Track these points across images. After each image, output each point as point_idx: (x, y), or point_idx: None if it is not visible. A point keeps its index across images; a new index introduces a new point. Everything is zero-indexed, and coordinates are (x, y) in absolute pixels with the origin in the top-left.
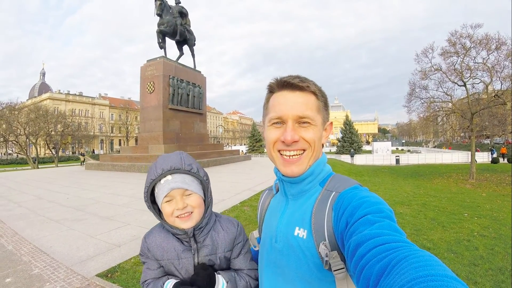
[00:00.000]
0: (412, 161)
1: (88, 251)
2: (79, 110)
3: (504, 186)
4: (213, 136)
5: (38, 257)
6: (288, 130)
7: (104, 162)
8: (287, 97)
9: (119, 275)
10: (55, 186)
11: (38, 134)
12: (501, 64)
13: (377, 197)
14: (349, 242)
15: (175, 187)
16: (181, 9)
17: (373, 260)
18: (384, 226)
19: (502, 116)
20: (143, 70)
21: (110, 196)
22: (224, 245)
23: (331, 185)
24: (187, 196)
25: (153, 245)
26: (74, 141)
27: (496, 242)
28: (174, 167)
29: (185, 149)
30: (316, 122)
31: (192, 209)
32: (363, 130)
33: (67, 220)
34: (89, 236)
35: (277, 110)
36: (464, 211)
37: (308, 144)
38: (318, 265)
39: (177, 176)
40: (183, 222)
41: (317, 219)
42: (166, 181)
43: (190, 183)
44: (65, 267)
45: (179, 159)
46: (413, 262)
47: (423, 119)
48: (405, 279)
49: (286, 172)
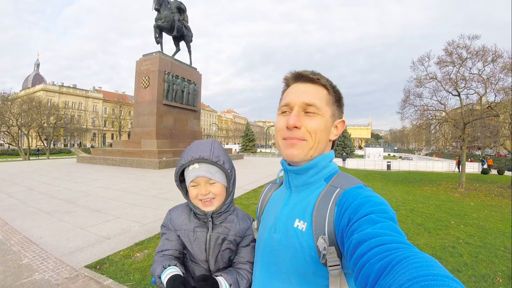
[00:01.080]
0: (403, 167)
1: (77, 242)
2: (73, 102)
3: (493, 197)
4: (207, 134)
5: (28, 248)
6: (292, 115)
7: (96, 156)
8: (299, 87)
9: (107, 267)
10: (47, 178)
11: (30, 126)
12: (496, 76)
13: (381, 198)
14: (350, 239)
15: (200, 175)
16: (179, 4)
17: (374, 259)
18: (386, 227)
19: (494, 128)
20: (138, 64)
21: (101, 189)
22: (236, 230)
23: (336, 182)
24: (211, 184)
25: (176, 217)
26: (66, 133)
27: (480, 250)
28: (203, 157)
29: (178, 145)
30: (323, 113)
31: (214, 195)
32: (356, 134)
33: (57, 212)
34: (79, 228)
35: (286, 98)
36: (451, 218)
37: (309, 135)
38: (314, 259)
39: (204, 166)
40: (205, 206)
41: (318, 213)
42: (193, 169)
43: (214, 173)
44: (54, 258)
45: (209, 150)
46: (414, 262)
47: (416, 126)
48: (405, 277)
49: (287, 154)
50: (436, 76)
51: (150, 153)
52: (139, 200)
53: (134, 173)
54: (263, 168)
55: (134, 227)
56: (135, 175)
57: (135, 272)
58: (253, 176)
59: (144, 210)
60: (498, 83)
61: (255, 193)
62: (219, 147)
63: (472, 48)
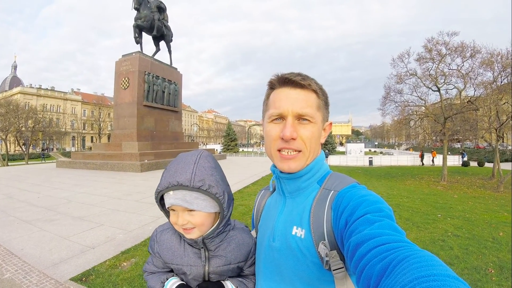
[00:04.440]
0: (385, 162)
1: (61, 253)
2: (51, 105)
3: (475, 189)
4: (188, 135)
5: (9, 261)
6: (288, 126)
7: (76, 160)
8: (288, 93)
9: (93, 279)
10: (26, 184)
11: (8, 130)
12: (475, 71)
13: (376, 196)
14: (349, 241)
15: (174, 204)
16: (159, 3)
17: (374, 260)
18: (384, 226)
19: (474, 121)
20: (118, 65)
21: (82, 195)
22: (239, 256)
23: (329, 184)
24: (190, 212)
25: (164, 247)
26: (45, 137)
27: (470, 242)
28: (181, 183)
29: (159, 147)
30: (315, 120)
31: (194, 225)
32: (337, 131)
33: (38, 221)
34: (62, 237)
35: (277, 106)
36: (438, 212)
37: (304, 145)
38: (317, 265)
39: (179, 193)
40: (186, 233)
41: (316, 218)
42: (167, 195)
43: (192, 202)
44: (37, 271)
45: (189, 172)
46: (415, 262)
47: (397, 122)
48: (406, 279)
49: (283, 167)
50: (416, 72)
51: (131, 156)
52: (123, 206)
53: (115, 176)
54: (246, 168)
55: (119, 234)
56: (116, 179)
57: (123, 283)
58: (238, 176)
59: (128, 216)
60: (477, 78)
61: (241, 193)
62: (206, 165)
63: (451, 45)
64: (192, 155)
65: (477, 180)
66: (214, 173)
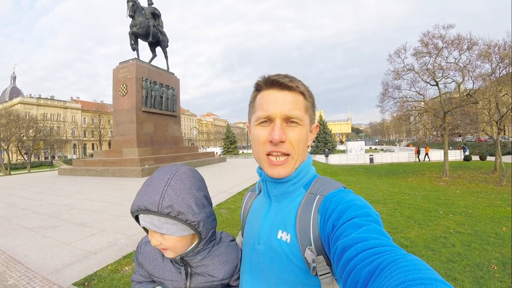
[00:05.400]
0: (386, 160)
1: (63, 259)
2: (51, 114)
3: (477, 183)
4: (188, 139)
5: (13, 267)
6: (276, 129)
7: (78, 167)
8: (276, 95)
9: (96, 283)
10: (28, 192)
11: (9, 140)
12: (472, 63)
13: (363, 201)
14: (336, 245)
15: (145, 226)
16: (153, 10)
17: (361, 264)
18: (371, 230)
19: (474, 114)
20: (115, 72)
21: (84, 202)
22: (223, 273)
23: (315, 188)
24: (162, 235)
25: (147, 259)
26: (46, 146)
27: (472, 239)
28: (147, 208)
29: (159, 152)
30: (304, 122)
31: (166, 248)
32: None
33: (41, 228)
34: (64, 243)
35: (265, 109)
36: (439, 208)
37: (293, 148)
38: (303, 270)
39: (147, 217)
40: (163, 251)
41: (302, 223)
42: (139, 216)
43: (161, 226)
44: (40, 277)
45: (157, 196)
46: (402, 266)
47: (396, 118)
48: (393, 282)
49: (273, 174)
50: (413, 67)
51: (131, 161)
52: (124, 211)
53: (116, 182)
54: (246, 169)
55: (120, 239)
56: (118, 185)
57: (125, 287)
58: (238, 178)
59: (129, 221)
60: (476, 70)
61: (240, 195)
62: (178, 186)
63: (448, 38)
64: (166, 173)
65: (479, 174)
66: (186, 196)
